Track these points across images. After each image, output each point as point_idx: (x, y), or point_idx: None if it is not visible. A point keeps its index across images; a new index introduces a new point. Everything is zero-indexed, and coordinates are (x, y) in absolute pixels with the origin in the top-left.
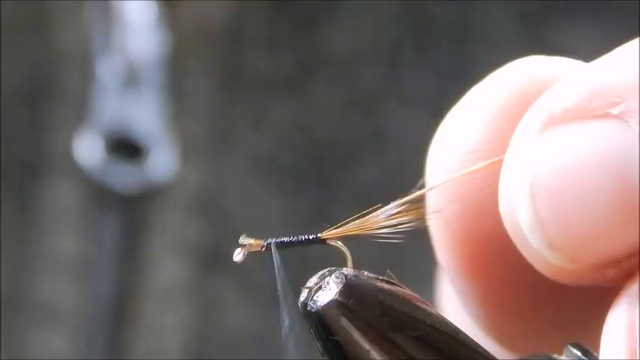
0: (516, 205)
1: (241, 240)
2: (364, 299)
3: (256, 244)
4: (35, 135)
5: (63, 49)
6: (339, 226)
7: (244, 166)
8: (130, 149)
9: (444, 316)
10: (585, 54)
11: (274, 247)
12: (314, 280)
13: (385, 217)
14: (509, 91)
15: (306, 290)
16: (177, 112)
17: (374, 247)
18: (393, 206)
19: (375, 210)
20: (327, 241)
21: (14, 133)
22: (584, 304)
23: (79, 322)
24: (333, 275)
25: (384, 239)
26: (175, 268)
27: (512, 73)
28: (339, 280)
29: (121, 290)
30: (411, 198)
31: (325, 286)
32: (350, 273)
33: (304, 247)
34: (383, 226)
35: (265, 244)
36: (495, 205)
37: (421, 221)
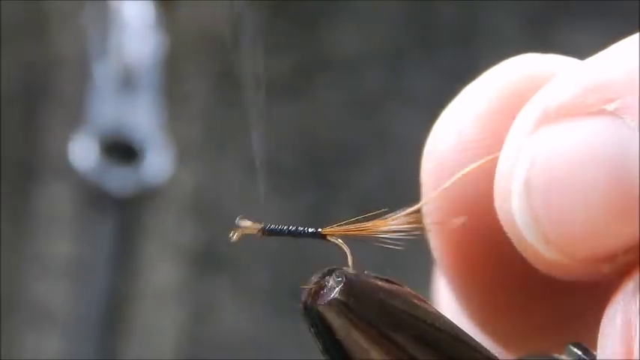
0: (512, 201)
1: (238, 221)
2: (364, 298)
3: (252, 227)
4: (31, 137)
5: (59, 51)
6: (341, 225)
7: (241, 169)
8: (126, 151)
9: (444, 315)
10: (589, 55)
11: (268, 233)
12: (314, 279)
13: (389, 223)
14: (504, 88)
15: (307, 289)
16: (174, 115)
17: (374, 246)
18: (398, 215)
19: (380, 215)
20: (327, 237)
21: (9, 134)
22: (580, 301)
23: (73, 324)
24: (333, 274)
25: (384, 244)
26: (169, 270)
27: (507, 70)
28: (339, 280)
29: (115, 292)
30: (418, 207)
31: (325, 285)
32: (350, 272)
33: (302, 238)
34: (385, 231)
35: (262, 228)
36: (491, 203)
37: (424, 231)
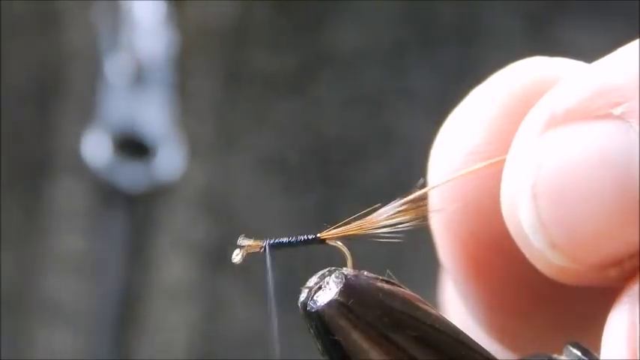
0: (518, 205)
1: (240, 241)
2: (364, 299)
3: (255, 245)
4: (43, 134)
5: (71, 48)
6: (338, 226)
7: (250, 165)
8: (138, 148)
9: (444, 316)
10: (591, 54)
11: (270, 248)
12: (314, 280)
13: (385, 216)
14: (510, 92)
15: (306, 290)
16: (184, 111)
17: (375, 246)
18: (393, 206)
19: (375, 210)
20: (326, 241)
21: (22, 131)
22: (585, 304)
23: (85, 320)
24: (332, 275)
25: (383, 239)
26: (181, 266)
27: (513, 74)
28: (338, 280)
29: (128, 289)
30: (412, 198)
31: (325, 286)
32: (350, 273)
33: (304, 247)
34: (383, 226)
35: (264, 245)
36: (497, 206)
37: (421, 220)
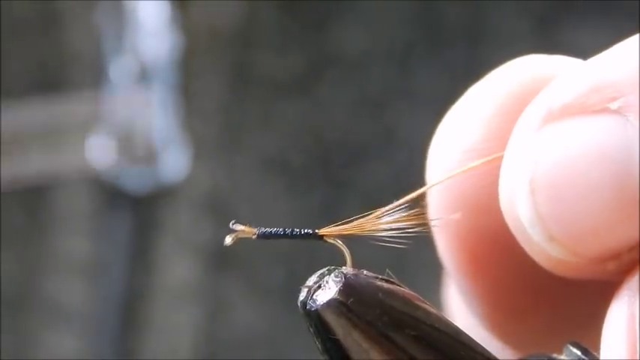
0: (517, 200)
1: (232, 226)
2: (363, 298)
3: (248, 231)
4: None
5: (75, 49)
6: (339, 225)
7: (254, 167)
8: (142, 150)
9: (444, 316)
10: (593, 54)
11: (264, 236)
12: (313, 279)
13: (387, 220)
14: (507, 90)
15: (306, 289)
16: (189, 113)
17: (375, 246)
18: (395, 209)
19: (378, 212)
20: (324, 238)
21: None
22: (585, 301)
23: (89, 321)
24: (332, 274)
25: (384, 242)
26: (185, 268)
27: (511, 71)
28: (338, 279)
29: (132, 290)
30: (411, 197)
31: (324, 285)
32: (349, 272)
33: (301, 240)
34: (384, 229)
35: (257, 232)
36: (495, 203)
37: (423, 227)
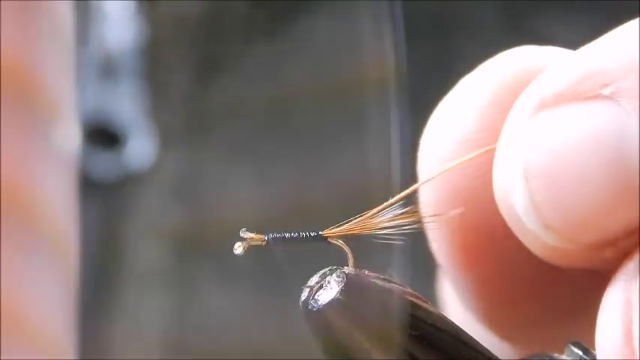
0: (511, 189)
1: (242, 234)
2: (365, 298)
3: (257, 238)
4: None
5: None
6: (340, 225)
7: (221, 154)
8: (108, 137)
9: (445, 315)
10: (568, 44)
11: (272, 242)
12: (315, 279)
13: (387, 218)
14: (500, 81)
15: (307, 289)
16: (155, 101)
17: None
18: (395, 206)
19: (378, 210)
20: (328, 240)
21: None
22: (580, 291)
23: None
24: (334, 274)
25: (385, 240)
26: (153, 254)
27: (503, 62)
28: (340, 279)
29: (100, 277)
30: (407, 193)
31: (326, 285)
32: (351, 272)
33: (305, 243)
34: (385, 227)
35: (266, 238)
36: (488, 194)
37: (423, 223)
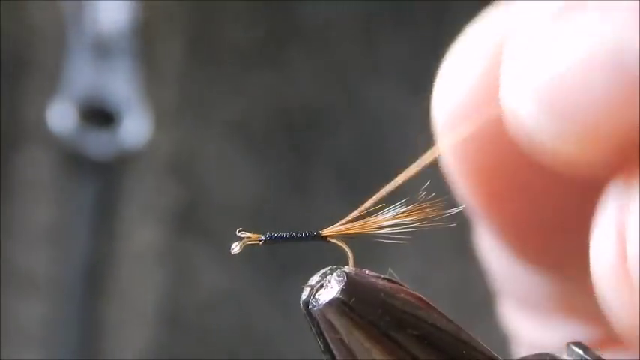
0: (520, 104)
1: (239, 233)
2: (366, 298)
3: (254, 237)
4: (9, 104)
5: (35, 20)
6: (341, 224)
7: (217, 132)
8: (104, 116)
9: (445, 315)
10: None
11: (269, 241)
12: (316, 279)
13: (389, 216)
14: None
15: (308, 288)
16: (150, 80)
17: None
18: (396, 206)
19: (379, 209)
20: (328, 239)
21: None
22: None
23: (54, 288)
24: (334, 273)
25: (386, 239)
26: (150, 233)
27: (502, 14)
28: (340, 279)
29: (96, 256)
30: (423, 161)
31: (327, 285)
32: (351, 271)
33: (304, 243)
34: (385, 226)
35: (263, 238)
36: (502, 128)
37: (424, 222)
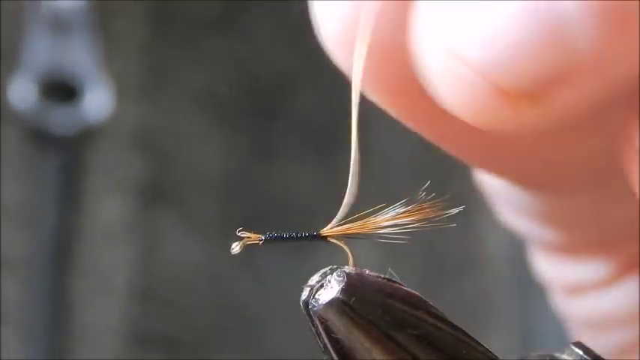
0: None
1: (239, 233)
2: (366, 298)
3: (254, 237)
4: None
5: None
6: (340, 224)
7: (180, 102)
8: (65, 91)
9: (445, 315)
10: None
11: (269, 241)
12: (316, 279)
13: (388, 217)
14: None
15: (308, 288)
16: (111, 53)
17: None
18: (396, 206)
19: (379, 209)
20: (327, 239)
21: None
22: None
23: (22, 265)
24: (334, 273)
25: (386, 239)
26: (116, 206)
27: None
28: (340, 279)
29: (64, 231)
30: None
31: (327, 285)
32: (351, 271)
33: (304, 242)
34: (385, 226)
35: (263, 238)
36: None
37: (424, 222)
